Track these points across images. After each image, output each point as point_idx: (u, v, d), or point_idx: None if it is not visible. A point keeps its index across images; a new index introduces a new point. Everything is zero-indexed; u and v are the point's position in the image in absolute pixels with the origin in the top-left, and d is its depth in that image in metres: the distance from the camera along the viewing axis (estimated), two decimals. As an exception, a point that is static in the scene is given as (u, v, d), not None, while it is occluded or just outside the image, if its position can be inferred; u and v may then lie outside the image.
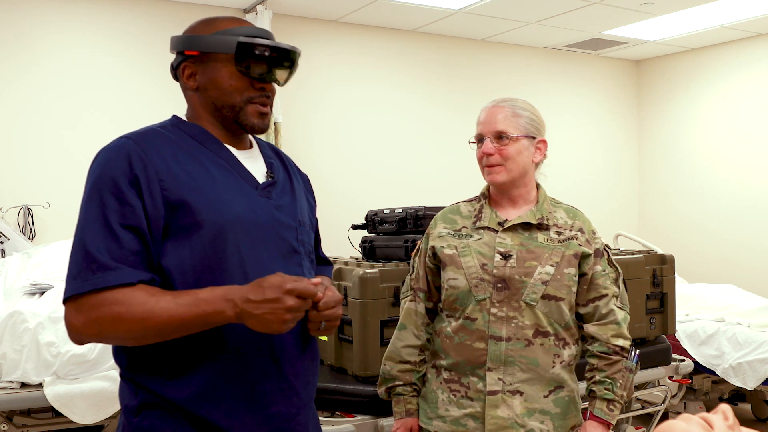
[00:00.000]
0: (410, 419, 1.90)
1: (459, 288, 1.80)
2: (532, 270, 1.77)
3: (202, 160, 1.38)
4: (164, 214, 1.30)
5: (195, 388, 1.31)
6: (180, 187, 1.32)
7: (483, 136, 1.84)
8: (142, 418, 1.32)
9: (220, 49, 1.38)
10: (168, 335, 1.26)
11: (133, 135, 1.36)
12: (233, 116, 1.41)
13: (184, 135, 1.41)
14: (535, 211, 1.84)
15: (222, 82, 1.40)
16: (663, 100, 6.86)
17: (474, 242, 1.82)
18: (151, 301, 1.24)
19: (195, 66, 1.42)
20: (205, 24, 1.45)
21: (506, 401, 1.76)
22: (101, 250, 1.25)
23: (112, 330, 1.25)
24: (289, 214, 1.46)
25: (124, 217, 1.27)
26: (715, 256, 6.29)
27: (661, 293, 3.36)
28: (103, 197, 1.28)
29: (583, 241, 1.83)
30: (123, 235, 1.26)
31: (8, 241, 3.90)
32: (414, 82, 5.91)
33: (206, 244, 1.31)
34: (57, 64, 4.62)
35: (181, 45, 1.42)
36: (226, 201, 1.35)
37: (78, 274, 1.25)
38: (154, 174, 1.30)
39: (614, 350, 1.83)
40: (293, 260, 1.44)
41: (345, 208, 5.20)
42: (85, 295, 1.24)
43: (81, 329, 1.26)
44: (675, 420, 0.69)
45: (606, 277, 1.85)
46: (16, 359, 2.64)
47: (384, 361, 1.97)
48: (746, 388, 3.87)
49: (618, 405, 1.82)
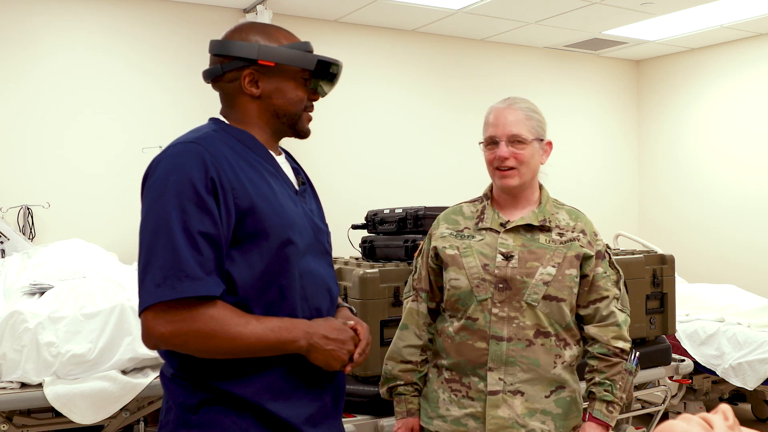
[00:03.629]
0: (411, 419, 1.91)
1: (461, 288, 1.80)
2: (534, 270, 1.77)
3: (257, 167, 1.43)
4: (234, 222, 1.34)
5: (261, 384, 1.38)
6: (248, 194, 1.36)
7: (497, 139, 1.81)
8: (203, 414, 1.36)
9: (300, 64, 1.45)
10: (247, 355, 1.34)
11: (198, 140, 1.36)
12: (291, 123, 1.50)
13: (234, 140, 1.44)
14: (538, 213, 1.84)
15: (290, 92, 1.47)
16: (663, 100, 6.86)
17: (476, 243, 1.82)
18: (241, 322, 1.31)
19: (260, 74, 1.45)
20: (265, 34, 1.48)
21: (507, 401, 1.76)
22: (187, 258, 1.27)
23: (201, 344, 1.30)
24: (320, 219, 1.57)
25: (203, 225, 1.29)
26: (715, 256, 6.29)
27: (661, 293, 3.36)
28: (182, 203, 1.29)
29: (584, 243, 1.83)
30: (202, 244, 1.29)
31: (8, 241, 3.90)
32: (414, 82, 5.91)
33: (274, 251, 1.38)
34: (57, 64, 4.62)
35: (254, 53, 1.43)
36: (284, 208, 1.42)
37: (163, 281, 1.26)
38: (227, 181, 1.34)
39: (614, 352, 1.83)
40: (326, 261, 1.55)
41: (345, 208, 5.20)
42: (172, 304, 1.27)
43: (167, 338, 1.29)
44: (675, 420, 0.69)
45: (607, 279, 1.85)
46: (16, 359, 2.64)
47: (386, 360, 1.97)
48: (746, 388, 3.86)
49: (617, 407, 1.82)
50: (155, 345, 1.32)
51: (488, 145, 1.83)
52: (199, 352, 1.33)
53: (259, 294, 1.37)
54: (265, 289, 1.38)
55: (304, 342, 1.37)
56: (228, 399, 1.37)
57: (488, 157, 1.83)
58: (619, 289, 1.88)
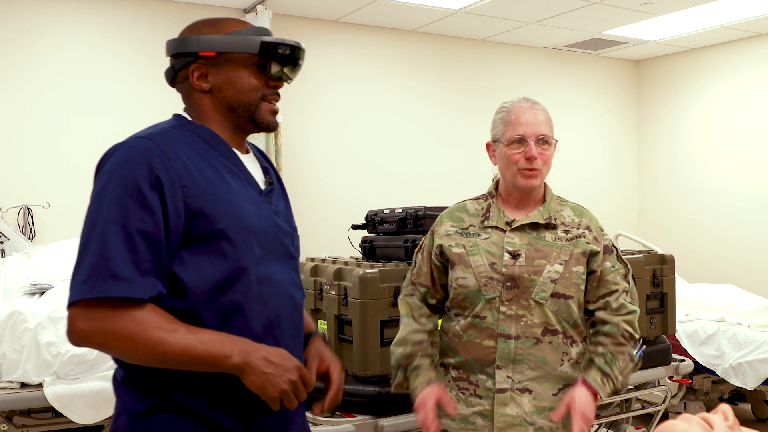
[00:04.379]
0: (436, 386, 1.80)
1: (468, 287, 1.80)
2: (541, 268, 1.77)
3: (215, 165, 1.36)
4: (184, 222, 1.28)
5: (208, 393, 1.31)
6: (200, 194, 1.30)
7: (526, 138, 1.79)
8: (151, 421, 1.31)
9: (242, 49, 1.38)
10: (171, 365, 1.26)
11: (151, 135, 1.32)
12: (249, 115, 1.42)
13: (194, 136, 1.38)
14: (543, 211, 1.84)
15: (239, 81, 1.39)
16: (663, 100, 6.86)
17: (482, 241, 1.82)
18: (167, 328, 1.23)
19: (207, 67, 1.40)
20: (210, 25, 1.44)
21: (515, 399, 1.76)
22: (117, 257, 1.22)
23: (119, 346, 1.24)
24: (286, 220, 1.48)
25: (143, 223, 1.24)
26: (715, 256, 6.29)
27: (661, 293, 3.37)
28: (123, 200, 1.25)
29: (590, 239, 1.83)
30: (139, 243, 1.24)
31: (8, 241, 3.90)
32: (414, 82, 5.91)
33: (226, 252, 1.31)
34: (57, 64, 4.62)
35: (194, 46, 1.40)
36: (241, 208, 1.35)
37: (88, 279, 1.22)
38: (177, 179, 1.28)
39: (623, 334, 1.82)
40: (290, 265, 1.47)
41: (345, 208, 5.21)
42: (94, 302, 1.22)
43: (87, 335, 1.24)
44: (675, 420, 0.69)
45: (616, 272, 1.85)
46: (16, 359, 2.64)
47: (393, 350, 1.91)
48: (746, 388, 3.87)
49: (611, 383, 1.78)
50: (76, 341, 1.26)
51: (512, 144, 1.80)
52: (120, 355, 1.28)
53: (211, 299, 1.30)
54: (218, 294, 1.30)
55: (239, 359, 1.24)
56: (176, 406, 1.31)
57: (513, 156, 1.80)
58: (628, 282, 1.88)
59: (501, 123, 1.84)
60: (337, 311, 2.72)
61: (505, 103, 1.87)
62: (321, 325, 2.84)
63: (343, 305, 2.69)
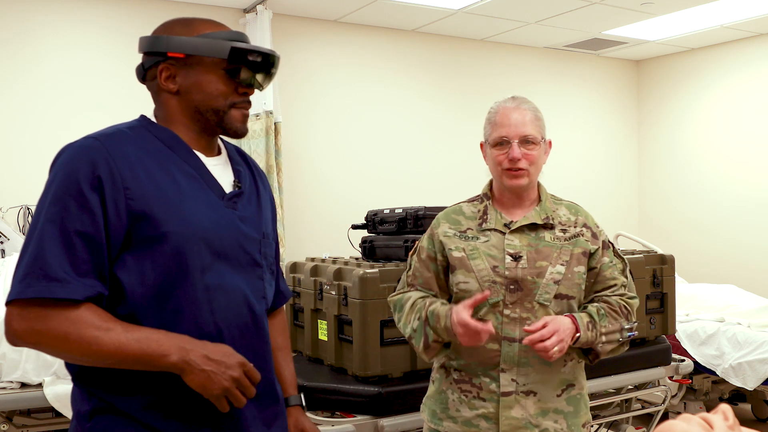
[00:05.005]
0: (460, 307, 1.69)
1: (471, 291, 1.78)
2: (544, 270, 1.76)
3: (170, 168, 1.33)
4: (126, 224, 1.26)
5: (146, 399, 1.29)
6: (145, 196, 1.27)
7: (508, 139, 1.78)
8: (95, 423, 1.29)
9: (211, 53, 1.35)
10: (108, 364, 1.24)
11: (101, 136, 1.31)
12: (217, 120, 1.38)
13: (152, 138, 1.36)
14: (540, 211, 1.83)
15: (208, 85, 1.36)
16: (663, 100, 6.86)
17: (482, 244, 1.81)
18: (102, 327, 1.21)
19: (176, 68, 1.37)
20: (183, 25, 1.41)
21: (520, 402, 1.75)
22: (52, 257, 1.21)
23: (53, 345, 1.23)
24: (253, 226, 1.43)
25: (81, 224, 1.23)
26: (715, 256, 6.29)
27: (661, 293, 3.37)
28: (63, 199, 1.23)
29: (589, 237, 1.83)
30: (77, 243, 1.22)
31: (8, 241, 3.90)
32: (414, 81, 5.91)
33: (169, 257, 1.28)
34: (56, 64, 4.62)
35: (162, 46, 1.37)
36: (191, 212, 1.31)
37: (24, 278, 1.21)
38: (120, 180, 1.26)
39: (620, 306, 1.79)
40: (254, 273, 1.42)
41: (345, 208, 5.21)
42: (29, 301, 1.21)
43: (21, 335, 1.23)
44: (675, 420, 0.69)
45: (614, 268, 1.84)
46: (16, 359, 2.64)
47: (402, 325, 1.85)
48: (746, 388, 3.87)
49: (594, 333, 1.73)
50: (12, 341, 1.24)
51: (496, 146, 1.80)
52: (57, 355, 1.27)
53: (151, 305, 1.27)
54: (160, 301, 1.27)
55: (177, 357, 1.21)
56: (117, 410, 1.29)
57: (497, 157, 1.80)
58: (626, 276, 1.87)
59: (488, 123, 1.84)
60: (337, 311, 2.72)
61: (495, 102, 1.86)
62: (321, 325, 2.84)
63: (343, 305, 2.69)
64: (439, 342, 1.78)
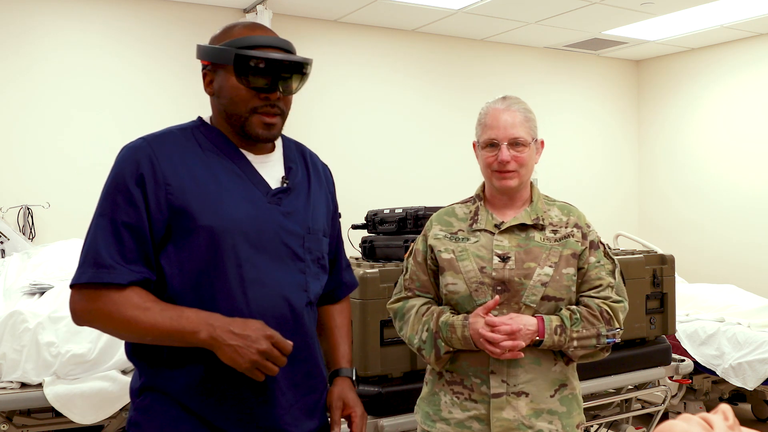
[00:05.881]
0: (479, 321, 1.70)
1: (459, 293, 1.77)
2: (531, 271, 1.75)
3: (212, 165, 1.42)
4: (167, 216, 1.36)
5: (187, 380, 1.38)
6: (184, 191, 1.37)
7: (497, 141, 1.77)
8: (143, 399, 1.41)
9: (222, 61, 1.41)
10: (149, 341, 1.36)
11: (150, 136, 1.43)
12: (239, 125, 1.44)
13: (202, 138, 1.45)
14: (530, 212, 1.82)
15: (229, 92, 1.42)
16: (663, 100, 6.86)
17: (471, 245, 1.80)
18: (141, 306, 1.33)
19: (212, 74, 1.46)
20: (223, 32, 1.47)
21: (511, 403, 1.74)
22: (102, 246, 1.34)
23: (102, 324, 1.37)
24: (298, 222, 1.48)
25: (128, 216, 1.35)
26: (715, 256, 6.29)
27: (661, 293, 3.36)
28: (112, 195, 1.36)
29: (579, 238, 1.81)
30: (124, 233, 1.34)
31: (8, 241, 3.90)
32: (414, 81, 5.91)
33: (204, 249, 1.37)
34: (56, 64, 4.62)
35: (198, 53, 1.47)
36: (229, 208, 1.39)
37: (82, 265, 1.35)
38: (162, 177, 1.36)
39: (601, 311, 1.75)
40: (296, 267, 1.46)
41: (345, 208, 5.17)
42: (85, 285, 1.35)
43: (80, 315, 1.37)
44: (675, 420, 0.69)
45: (601, 268, 1.81)
46: (16, 359, 2.64)
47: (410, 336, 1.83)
48: (746, 388, 3.87)
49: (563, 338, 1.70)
50: (74, 320, 1.39)
51: (486, 148, 1.79)
52: (108, 332, 1.40)
53: (188, 294, 1.37)
54: (197, 291, 1.37)
55: (205, 334, 1.30)
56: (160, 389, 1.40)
57: (487, 159, 1.79)
58: (615, 278, 1.84)
59: (478, 125, 1.83)
60: (337, 311, 2.71)
61: (486, 103, 1.85)
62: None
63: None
64: (451, 352, 1.78)
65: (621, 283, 1.86)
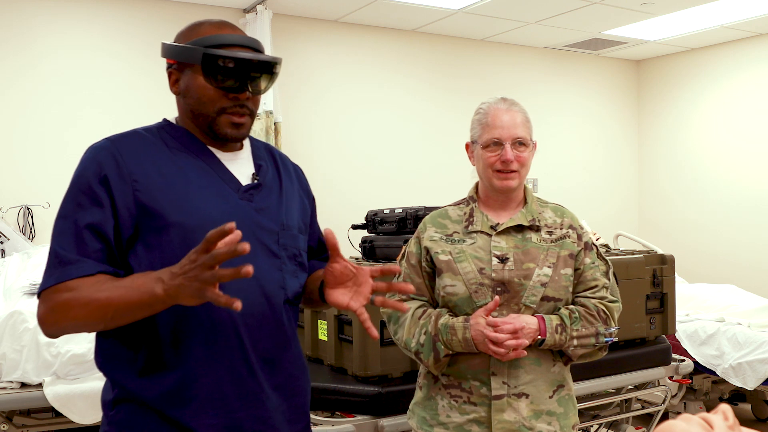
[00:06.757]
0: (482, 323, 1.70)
1: (457, 294, 1.77)
2: (530, 272, 1.75)
3: (181, 164, 1.38)
4: (136, 215, 1.32)
5: (164, 387, 1.32)
6: (152, 189, 1.33)
7: (501, 141, 1.77)
8: (116, 412, 1.35)
9: (190, 60, 1.37)
10: (111, 319, 1.25)
11: (114, 137, 1.40)
12: (207, 125, 1.40)
13: (169, 137, 1.42)
14: (526, 213, 1.82)
15: (197, 92, 1.38)
16: (663, 100, 6.86)
17: (468, 247, 1.79)
18: (96, 286, 1.26)
19: (177, 72, 1.42)
20: (189, 29, 1.43)
21: (512, 404, 1.74)
22: (66, 246, 1.29)
23: (64, 317, 1.27)
24: (271, 218, 1.44)
25: (92, 216, 1.30)
26: (715, 256, 6.29)
27: (661, 293, 3.36)
28: (76, 196, 1.33)
29: (575, 239, 1.82)
30: (88, 234, 1.30)
31: (8, 241, 3.90)
32: (414, 81, 5.91)
33: (175, 246, 1.31)
34: (56, 64, 4.62)
35: (163, 51, 1.43)
36: (198, 204, 1.35)
37: (47, 269, 1.31)
38: (128, 173, 1.33)
39: (598, 310, 1.77)
40: (272, 263, 1.42)
41: (345, 208, 5.21)
42: (50, 290, 1.28)
43: (42, 320, 1.30)
44: (675, 420, 0.69)
45: (595, 269, 1.82)
46: (16, 359, 2.64)
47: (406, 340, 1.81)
48: (746, 388, 3.87)
49: (564, 336, 1.72)
50: (44, 331, 1.32)
51: (488, 147, 1.79)
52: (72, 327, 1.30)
53: None
54: None
55: (160, 289, 1.19)
56: (137, 399, 1.33)
57: (489, 159, 1.79)
58: (609, 279, 1.85)
59: (478, 125, 1.82)
60: (337, 311, 2.72)
61: (483, 103, 1.85)
62: (321, 324, 2.84)
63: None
64: (450, 355, 1.77)
65: (615, 284, 1.88)
